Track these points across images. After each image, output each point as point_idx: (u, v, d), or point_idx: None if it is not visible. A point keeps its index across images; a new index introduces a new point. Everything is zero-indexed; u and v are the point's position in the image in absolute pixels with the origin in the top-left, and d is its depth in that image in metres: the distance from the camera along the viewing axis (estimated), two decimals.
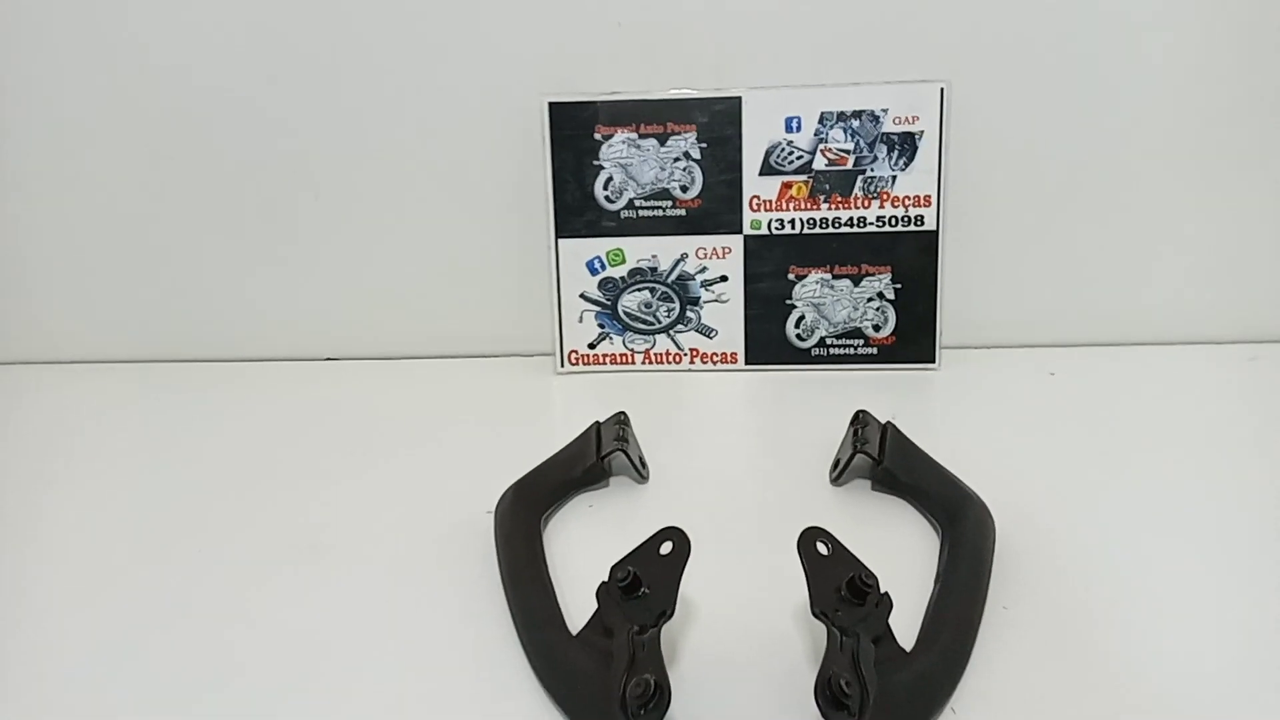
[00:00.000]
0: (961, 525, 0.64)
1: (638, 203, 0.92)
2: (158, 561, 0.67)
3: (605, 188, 0.91)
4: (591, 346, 0.95)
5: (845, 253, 0.91)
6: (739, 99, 0.89)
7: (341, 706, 0.53)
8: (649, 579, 0.54)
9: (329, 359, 1.02)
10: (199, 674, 0.56)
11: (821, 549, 0.54)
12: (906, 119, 0.88)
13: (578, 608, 0.58)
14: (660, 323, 0.94)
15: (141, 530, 0.72)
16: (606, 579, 0.55)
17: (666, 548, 0.55)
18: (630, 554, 0.55)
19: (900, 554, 0.64)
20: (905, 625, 0.55)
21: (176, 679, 0.56)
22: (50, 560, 0.68)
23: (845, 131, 0.89)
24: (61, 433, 0.89)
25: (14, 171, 0.98)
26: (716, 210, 0.91)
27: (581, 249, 0.93)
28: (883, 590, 0.53)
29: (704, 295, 0.93)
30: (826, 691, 0.46)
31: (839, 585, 0.52)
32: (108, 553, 0.68)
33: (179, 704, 0.54)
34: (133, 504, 0.75)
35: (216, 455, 0.82)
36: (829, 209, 0.91)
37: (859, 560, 0.54)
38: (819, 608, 0.51)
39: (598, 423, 0.76)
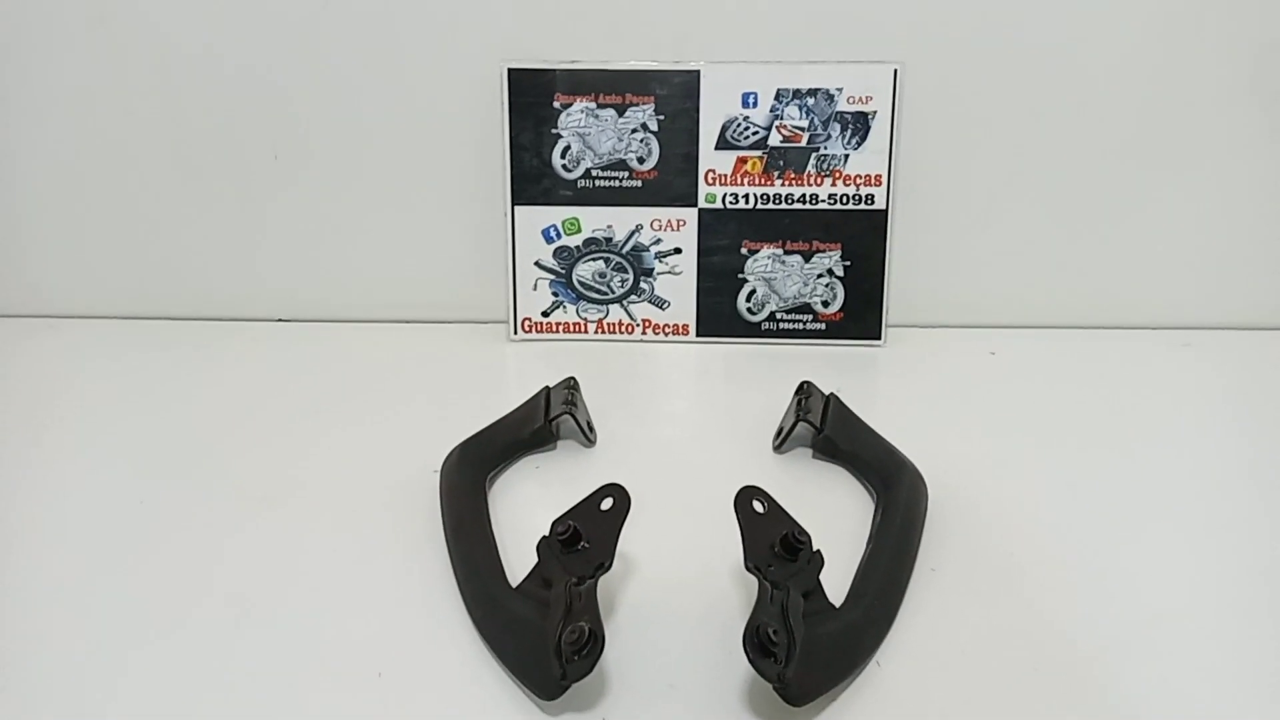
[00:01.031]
0: (896, 491, 0.66)
1: (595, 172, 0.92)
2: (109, 514, 0.67)
3: (563, 156, 0.92)
4: (545, 315, 0.96)
5: (797, 229, 0.93)
6: (697, 72, 0.90)
7: (288, 650, 0.54)
8: (589, 533, 0.55)
9: (281, 320, 1.01)
10: (157, 617, 0.57)
11: (757, 507, 0.55)
12: (860, 99, 0.90)
13: (520, 563, 0.59)
14: (614, 293, 0.95)
15: (90, 484, 0.71)
16: (547, 533, 0.56)
17: (607, 503, 0.56)
18: (571, 509, 0.56)
19: (836, 517, 0.66)
20: (837, 583, 0.57)
21: (135, 618, 0.57)
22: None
23: (800, 109, 0.90)
24: (24, 386, 0.88)
25: None
26: (672, 183, 0.92)
27: (538, 217, 0.93)
28: (815, 548, 0.55)
29: (658, 267, 0.94)
30: (755, 639, 0.47)
31: (773, 542, 0.54)
32: (70, 506, 0.68)
33: (138, 638, 0.55)
34: (84, 458, 0.75)
35: (171, 412, 0.82)
36: (782, 185, 0.92)
37: (792, 518, 0.56)
38: (752, 562, 0.52)
39: (547, 387, 0.77)
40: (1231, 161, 0.95)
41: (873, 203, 0.92)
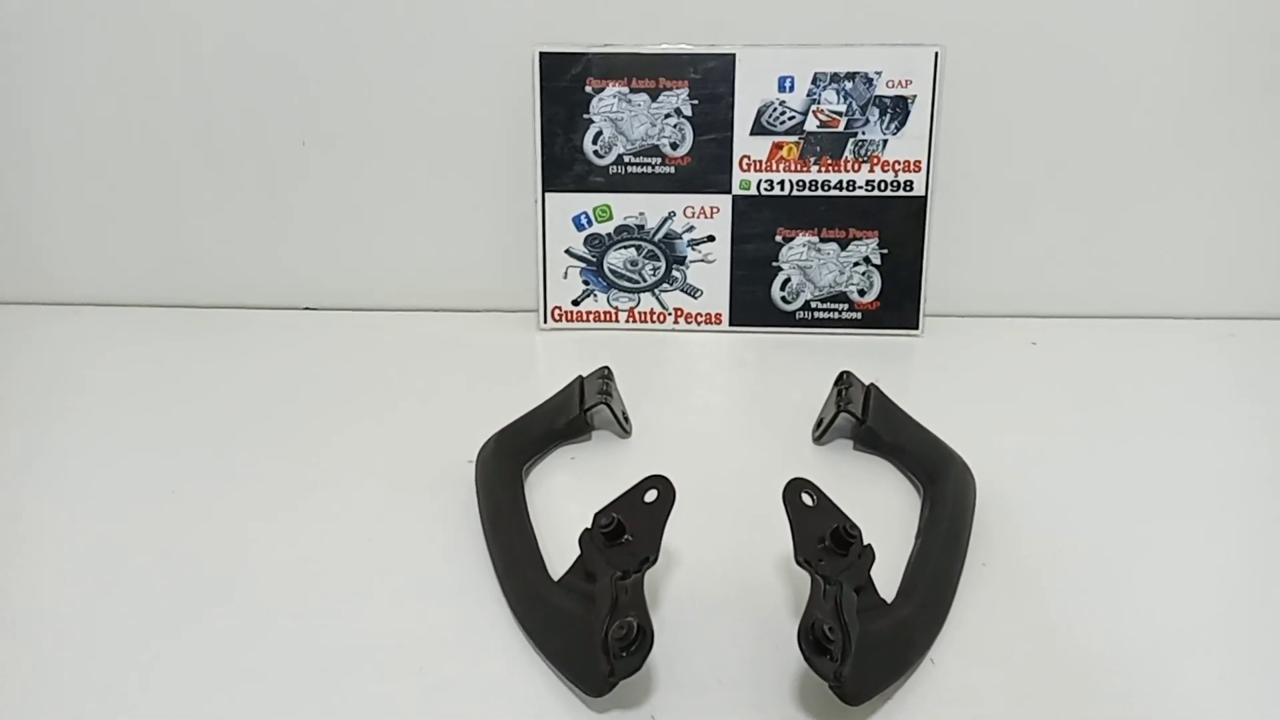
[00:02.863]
0: (943, 483, 0.64)
1: (627, 159, 0.91)
2: (136, 504, 0.66)
3: (595, 142, 0.90)
4: (575, 303, 0.94)
5: (833, 216, 0.91)
6: (733, 56, 0.88)
7: (326, 644, 0.53)
8: (632, 526, 0.54)
9: (308, 309, 1.00)
10: (190, 607, 0.56)
11: (806, 499, 0.54)
12: (899, 83, 0.88)
13: (558, 555, 0.58)
14: (645, 281, 0.94)
15: (116, 474, 0.71)
16: (590, 525, 0.55)
17: (651, 495, 0.55)
18: (614, 501, 0.55)
19: (882, 510, 0.64)
20: (886, 578, 0.55)
21: (168, 609, 0.56)
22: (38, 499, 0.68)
23: (838, 93, 0.88)
24: (46, 374, 0.87)
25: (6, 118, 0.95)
26: (706, 169, 0.90)
27: (569, 204, 0.92)
28: (865, 542, 0.54)
29: (690, 255, 0.93)
30: (810, 637, 0.46)
31: (823, 535, 0.53)
32: (104, 494, 0.68)
33: (172, 630, 0.54)
34: (110, 448, 0.74)
35: (200, 402, 0.81)
36: (819, 171, 0.90)
37: (843, 512, 0.54)
38: (803, 556, 0.51)
39: (581, 377, 0.76)
40: (1276, 150, 0.92)
41: (911, 189, 0.90)
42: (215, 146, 0.96)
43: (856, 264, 0.92)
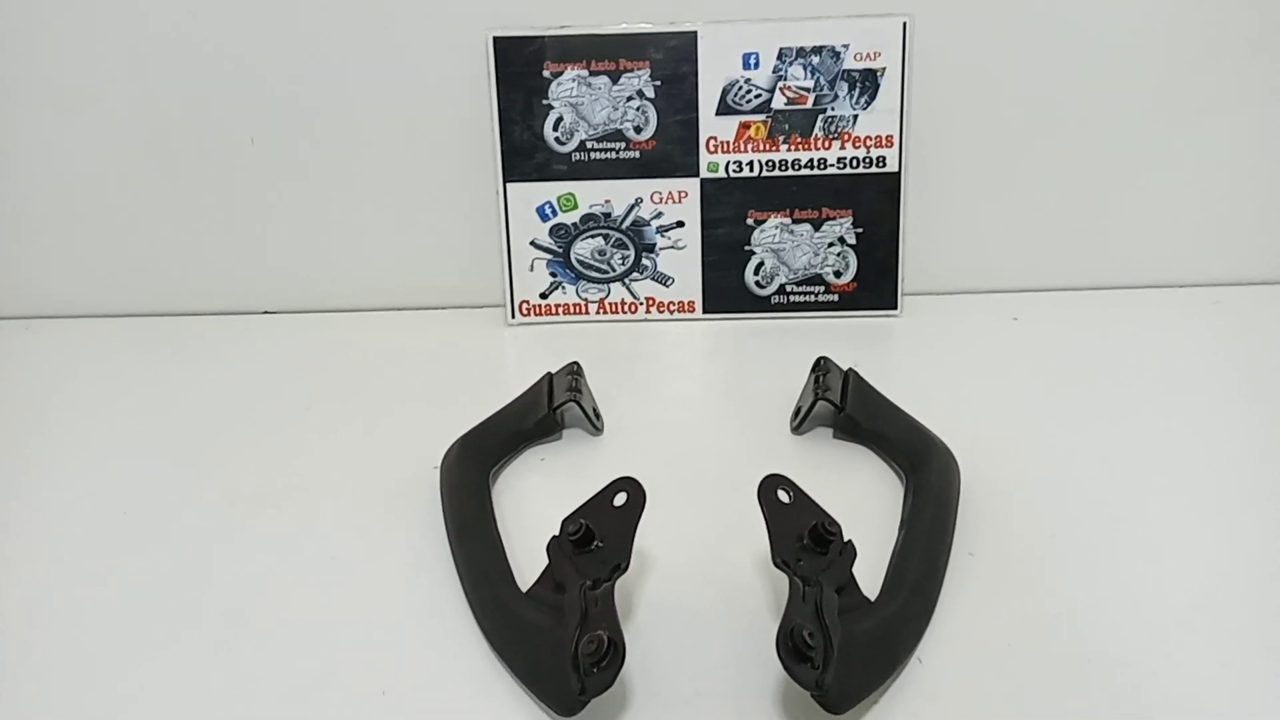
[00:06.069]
0: (926, 471, 0.62)
1: (590, 144, 0.88)
2: (92, 523, 0.64)
3: (555, 129, 0.87)
4: (543, 296, 0.91)
5: (805, 196, 0.88)
6: (694, 34, 0.85)
7: (284, 667, 0.51)
8: (602, 531, 0.52)
9: (267, 312, 0.97)
10: (144, 633, 0.54)
11: (783, 497, 0.52)
12: (868, 55, 0.85)
13: (529, 564, 0.55)
14: (615, 271, 0.91)
15: (72, 491, 0.68)
16: (557, 533, 0.52)
17: (621, 499, 0.53)
18: (582, 506, 0.53)
19: (864, 501, 0.62)
20: (870, 573, 0.53)
21: (125, 632, 0.54)
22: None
23: (805, 69, 0.86)
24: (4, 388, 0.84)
25: None
26: (672, 152, 0.88)
27: (531, 194, 0.89)
28: (846, 538, 0.51)
29: (660, 242, 0.90)
30: (789, 643, 0.43)
31: (801, 534, 0.51)
32: (51, 515, 0.65)
33: (139, 648, 0.53)
34: (65, 465, 0.71)
35: (154, 413, 0.78)
36: (788, 150, 0.87)
37: (821, 508, 0.52)
38: (780, 557, 0.49)
39: (549, 373, 0.73)
40: (1258, 112, 0.90)
41: (884, 165, 0.87)
42: (166, 149, 0.92)
43: (831, 245, 0.89)
